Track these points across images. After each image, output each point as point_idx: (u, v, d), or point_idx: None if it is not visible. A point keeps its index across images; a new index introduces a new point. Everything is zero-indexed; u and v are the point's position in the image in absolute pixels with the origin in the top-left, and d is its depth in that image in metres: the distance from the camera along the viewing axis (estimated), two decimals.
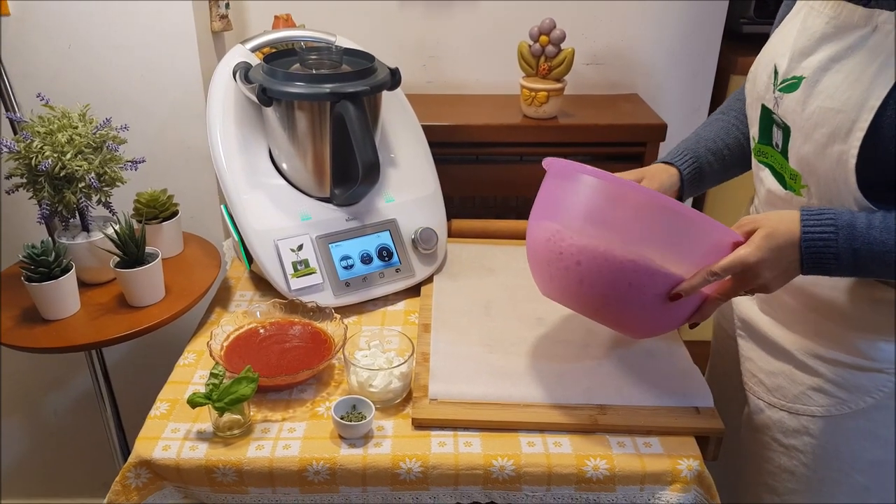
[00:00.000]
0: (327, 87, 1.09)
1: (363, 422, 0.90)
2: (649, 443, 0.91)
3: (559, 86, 1.45)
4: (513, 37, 1.50)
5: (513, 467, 0.87)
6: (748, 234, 0.81)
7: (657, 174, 1.01)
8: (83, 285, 1.15)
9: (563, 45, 1.43)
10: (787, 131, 0.84)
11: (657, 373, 1.00)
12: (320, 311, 1.10)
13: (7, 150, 1.06)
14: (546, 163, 0.93)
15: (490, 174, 1.49)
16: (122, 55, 1.32)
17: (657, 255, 0.82)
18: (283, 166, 1.20)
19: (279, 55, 1.23)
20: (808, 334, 0.91)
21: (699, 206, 1.75)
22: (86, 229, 1.16)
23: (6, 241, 1.45)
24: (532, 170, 0.94)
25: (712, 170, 1.02)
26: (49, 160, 1.05)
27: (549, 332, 1.09)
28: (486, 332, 1.08)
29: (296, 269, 1.14)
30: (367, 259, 1.19)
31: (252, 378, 0.90)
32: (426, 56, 1.61)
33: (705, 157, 1.02)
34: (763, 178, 0.92)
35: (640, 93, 1.65)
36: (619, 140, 1.45)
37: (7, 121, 1.21)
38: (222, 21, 1.42)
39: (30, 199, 1.11)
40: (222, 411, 0.89)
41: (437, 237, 1.23)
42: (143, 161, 1.16)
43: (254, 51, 1.23)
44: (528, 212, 0.95)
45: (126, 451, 1.34)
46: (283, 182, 1.20)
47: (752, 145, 0.94)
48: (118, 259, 1.11)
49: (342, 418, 0.91)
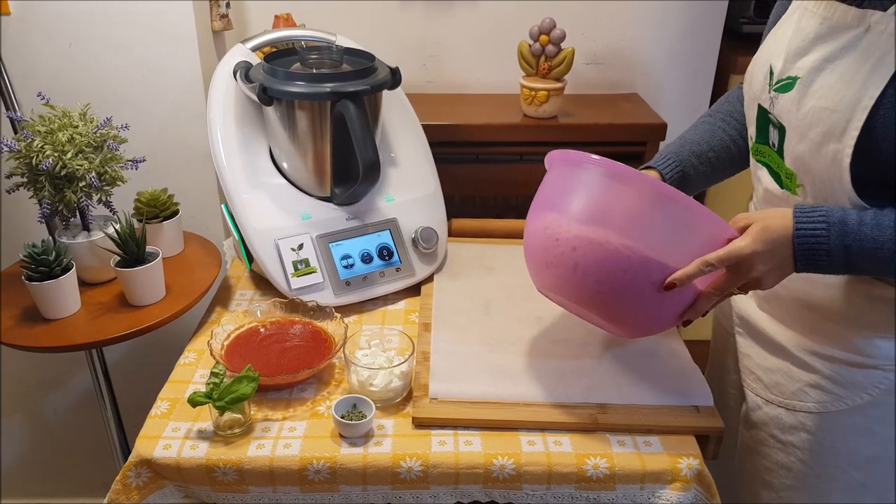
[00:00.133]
0: (328, 87, 1.10)
1: (363, 421, 0.90)
2: (649, 442, 0.91)
3: (559, 85, 1.45)
4: (513, 36, 1.50)
5: (513, 466, 0.87)
6: (743, 230, 0.81)
7: None
8: (83, 284, 1.15)
9: (563, 45, 1.43)
10: (782, 131, 0.84)
11: (657, 372, 1.00)
12: (321, 311, 1.10)
13: (8, 149, 1.06)
14: (548, 157, 0.93)
15: (490, 173, 1.49)
16: (123, 54, 1.32)
17: (653, 244, 0.82)
18: (284, 165, 1.20)
19: (280, 54, 1.23)
20: (806, 331, 0.91)
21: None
22: (86, 228, 1.16)
23: (7, 241, 1.45)
24: (532, 169, 0.94)
25: (697, 173, 1.02)
26: (50, 159, 1.05)
27: (550, 332, 1.09)
28: (487, 331, 1.08)
29: (296, 269, 1.14)
30: (367, 258, 1.19)
31: (252, 377, 0.90)
32: (426, 55, 1.61)
33: (689, 160, 1.02)
34: (761, 178, 0.92)
35: (640, 92, 1.65)
36: (619, 139, 1.46)
37: (7, 120, 1.21)
38: (223, 20, 1.42)
39: (30, 198, 1.11)
40: (223, 410, 0.89)
41: (437, 236, 1.23)
42: (144, 160, 1.16)
43: (254, 50, 1.24)
44: (528, 211, 0.95)
45: (126, 450, 1.34)
46: (284, 181, 1.20)
47: (749, 144, 0.94)
48: (119, 258, 1.11)
49: (343, 417, 0.91)
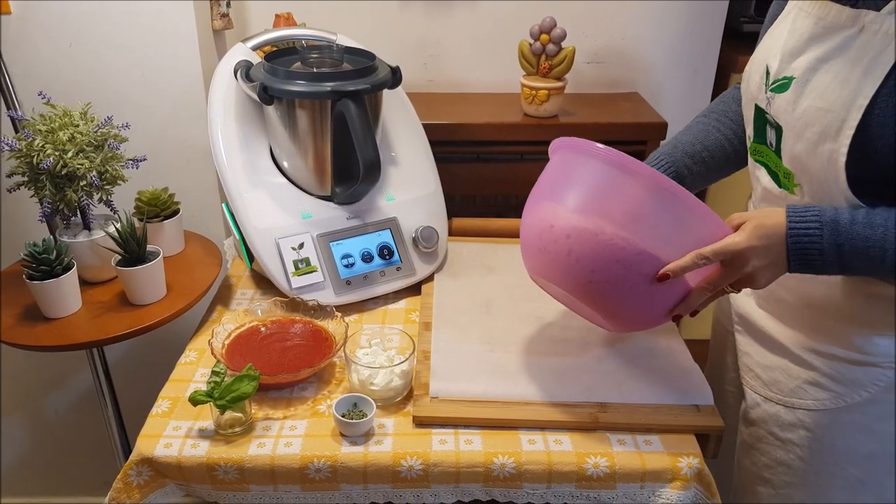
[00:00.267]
0: (328, 86, 1.10)
1: (364, 420, 0.90)
2: (649, 440, 0.91)
3: (560, 84, 1.45)
4: (513, 35, 1.50)
5: (513, 465, 0.88)
6: (737, 228, 0.82)
7: None
8: (84, 283, 1.15)
9: (563, 44, 1.43)
10: (779, 131, 0.84)
11: (657, 371, 1.00)
12: (321, 310, 1.10)
13: (8, 148, 1.06)
14: (552, 144, 0.93)
15: (491, 173, 1.50)
16: (123, 54, 1.32)
17: (648, 236, 0.82)
18: (284, 165, 1.20)
19: (280, 54, 1.23)
20: (805, 329, 0.91)
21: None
22: (87, 228, 1.16)
23: (7, 240, 1.45)
24: (533, 168, 0.94)
25: (691, 172, 1.02)
26: (50, 158, 1.05)
27: (550, 331, 1.09)
28: (487, 330, 1.09)
29: (297, 268, 1.14)
30: (367, 257, 1.19)
31: (253, 376, 0.90)
32: (427, 55, 1.61)
33: (682, 160, 1.02)
34: (759, 177, 0.92)
35: (641, 91, 1.65)
36: (620, 139, 1.45)
37: (8, 119, 1.21)
38: (223, 20, 1.42)
39: (31, 197, 1.11)
40: (224, 409, 0.89)
41: (437, 236, 1.23)
42: (145, 159, 1.16)
43: (255, 49, 1.24)
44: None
45: (127, 449, 1.34)
46: (284, 180, 1.20)
47: (748, 144, 0.94)
48: (119, 257, 1.11)
49: (343, 416, 0.91)
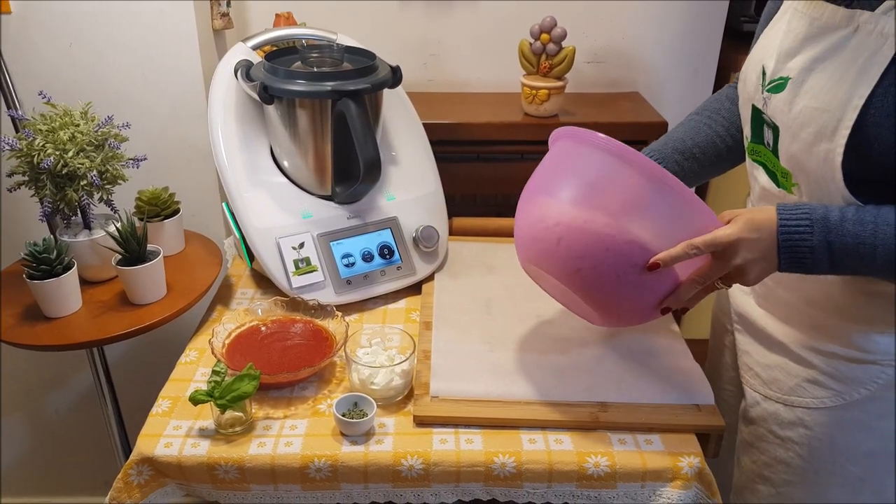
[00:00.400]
0: (329, 85, 1.10)
1: (365, 419, 0.90)
2: (650, 440, 0.91)
3: (560, 84, 1.45)
4: (514, 35, 1.50)
5: (514, 464, 0.88)
6: (728, 223, 0.82)
7: None
8: (85, 283, 1.15)
9: (563, 44, 1.43)
10: (776, 131, 0.85)
11: (658, 370, 1.00)
12: (322, 309, 1.10)
13: (9, 147, 1.06)
14: (552, 135, 0.93)
15: (491, 172, 1.49)
16: (124, 53, 1.32)
17: (638, 226, 0.82)
18: (285, 164, 1.20)
19: (280, 53, 1.23)
20: (804, 327, 0.91)
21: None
22: (87, 227, 1.16)
23: (8, 239, 1.45)
24: (533, 168, 0.94)
25: (682, 169, 1.02)
26: (51, 158, 1.05)
27: (551, 330, 1.09)
28: (488, 329, 1.09)
29: (297, 267, 1.14)
30: (368, 257, 1.19)
31: (254, 375, 0.90)
32: (427, 54, 1.61)
33: (671, 156, 1.02)
34: (757, 177, 0.92)
35: (641, 91, 1.65)
36: (620, 138, 1.42)
37: (9, 118, 1.21)
38: (223, 19, 1.42)
39: (31, 196, 1.11)
40: (224, 409, 0.89)
41: (438, 235, 1.23)
42: (145, 159, 1.16)
43: (255, 49, 1.24)
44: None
45: (127, 448, 1.34)
46: (285, 180, 1.20)
47: (745, 144, 0.95)
48: (120, 257, 1.11)
49: (344, 415, 0.91)
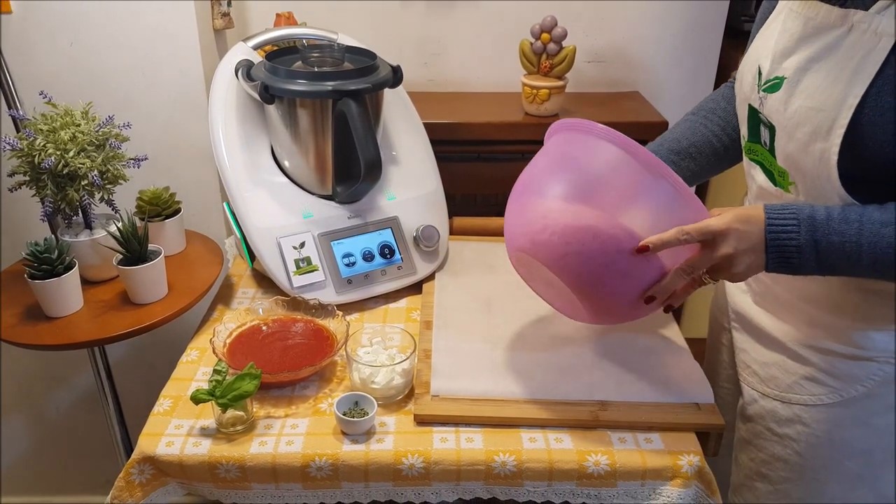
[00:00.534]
0: (329, 85, 1.10)
1: (365, 418, 0.90)
2: (650, 438, 0.91)
3: (560, 83, 1.45)
4: (514, 35, 1.50)
5: (514, 463, 0.88)
6: None
7: None
8: (86, 283, 1.15)
9: (564, 43, 1.43)
10: (772, 130, 0.85)
11: (658, 369, 1.00)
12: (322, 309, 1.10)
13: (10, 147, 1.07)
14: (547, 132, 0.94)
15: (491, 172, 1.50)
16: (124, 53, 1.32)
17: (631, 215, 0.82)
18: (285, 164, 1.21)
19: (281, 53, 1.23)
20: (801, 325, 0.92)
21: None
22: (88, 227, 1.16)
23: (9, 239, 1.45)
24: None
25: (678, 169, 1.03)
26: (52, 158, 1.05)
27: (551, 329, 1.09)
28: (488, 328, 1.09)
29: (298, 267, 1.14)
30: (368, 256, 1.19)
31: (255, 375, 0.91)
32: (428, 54, 1.61)
33: (668, 157, 1.03)
34: (754, 176, 0.93)
35: (642, 90, 1.65)
36: None
37: (10, 118, 1.21)
38: (224, 19, 1.42)
39: (32, 196, 1.11)
40: (225, 408, 0.89)
41: (438, 235, 1.23)
42: (146, 159, 1.16)
43: (255, 48, 1.24)
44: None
45: (129, 448, 1.34)
46: (285, 180, 1.21)
47: (742, 143, 0.95)
48: (121, 256, 1.11)
49: (344, 414, 0.91)
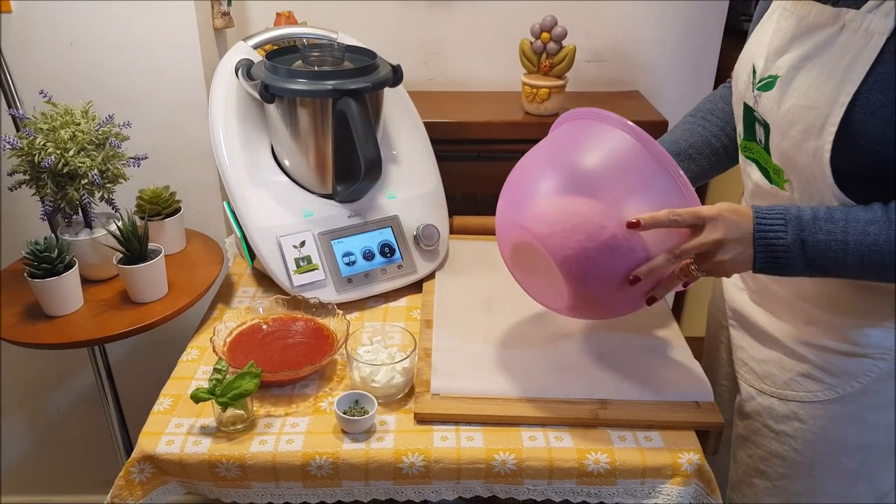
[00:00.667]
0: (329, 84, 1.10)
1: (366, 417, 0.90)
2: (650, 437, 0.91)
3: (560, 83, 1.45)
4: (514, 34, 1.50)
5: (514, 461, 0.88)
6: None
7: None
8: (86, 282, 1.15)
9: (564, 43, 1.43)
10: (767, 128, 0.86)
11: (658, 368, 1.00)
12: (323, 307, 1.10)
13: (10, 146, 1.07)
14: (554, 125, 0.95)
15: (492, 171, 1.49)
16: (125, 52, 1.32)
17: (629, 203, 0.83)
18: (286, 163, 1.21)
19: (281, 52, 1.23)
20: (797, 322, 0.92)
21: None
22: (88, 226, 1.16)
23: (9, 238, 1.45)
24: None
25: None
26: (52, 157, 1.05)
27: (551, 328, 1.09)
28: (488, 327, 1.09)
29: (298, 266, 1.14)
30: (369, 255, 1.19)
31: (255, 373, 0.91)
32: (428, 53, 1.61)
33: None
34: (750, 173, 0.94)
35: (642, 90, 1.65)
36: None
37: (10, 117, 1.21)
38: (224, 18, 1.42)
39: (32, 195, 1.11)
40: (225, 406, 0.89)
41: (438, 234, 1.23)
42: (146, 158, 1.16)
43: (256, 48, 1.24)
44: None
45: (129, 447, 1.34)
46: (286, 179, 1.21)
47: (739, 141, 0.96)
48: (121, 255, 1.11)
49: (345, 413, 0.91)
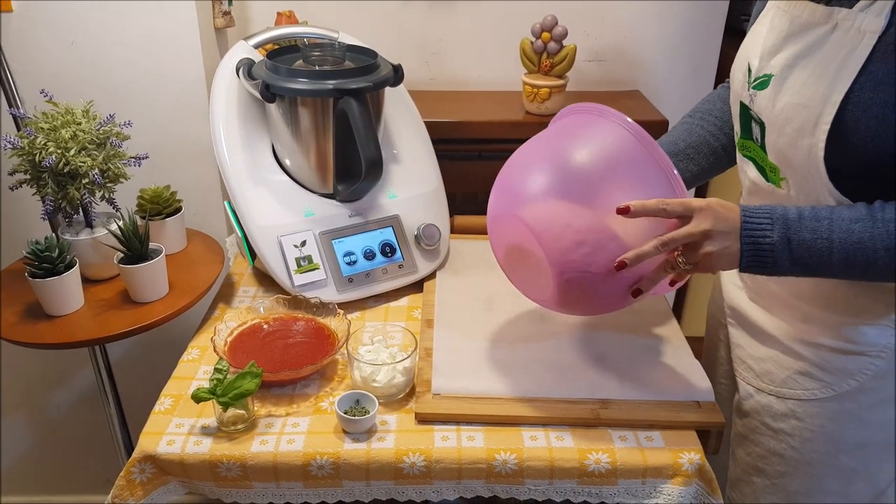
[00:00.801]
0: (330, 84, 1.10)
1: (367, 416, 0.90)
2: (651, 437, 0.91)
3: (561, 82, 1.45)
4: (515, 33, 1.50)
5: (515, 461, 0.88)
6: None
7: None
8: (87, 281, 1.15)
9: (564, 42, 1.43)
10: (763, 126, 0.87)
11: (658, 367, 1.00)
12: (323, 307, 1.10)
13: (10, 146, 1.07)
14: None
15: (492, 170, 1.48)
16: (126, 52, 1.32)
17: (608, 188, 0.84)
18: (286, 162, 1.21)
19: (282, 52, 1.23)
20: (795, 320, 0.93)
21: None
22: (89, 225, 1.16)
23: (9, 237, 1.45)
24: None
25: (678, 171, 1.03)
26: (53, 156, 1.05)
27: (551, 328, 1.09)
28: (489, 327, 1.09)
29: (299, 265, 1.14)
30: (370, 255, 1.19)
31: (256, 373, 0.91)
32: (429, 53, 1.61)
33: None
34: (747, 171, 0.94)
35: (642, 89, 1.65)
36: None
37: (10, 117, 1.21)
38: (225, 18, 1.42)
39: (33, 195, 1.11)
40: (226, 406, 0.89)
41: (439, 233, 1.23)
42: (147, 157, 1.16)
43: (257, 47, 1.24)
44: None
45: (130, 446, 1.34)
46: (286, 178, 1.21)
47: (736, 140, 0.96)
48: (122, 255, 1.11)
49: (346, 413, 0.91)
